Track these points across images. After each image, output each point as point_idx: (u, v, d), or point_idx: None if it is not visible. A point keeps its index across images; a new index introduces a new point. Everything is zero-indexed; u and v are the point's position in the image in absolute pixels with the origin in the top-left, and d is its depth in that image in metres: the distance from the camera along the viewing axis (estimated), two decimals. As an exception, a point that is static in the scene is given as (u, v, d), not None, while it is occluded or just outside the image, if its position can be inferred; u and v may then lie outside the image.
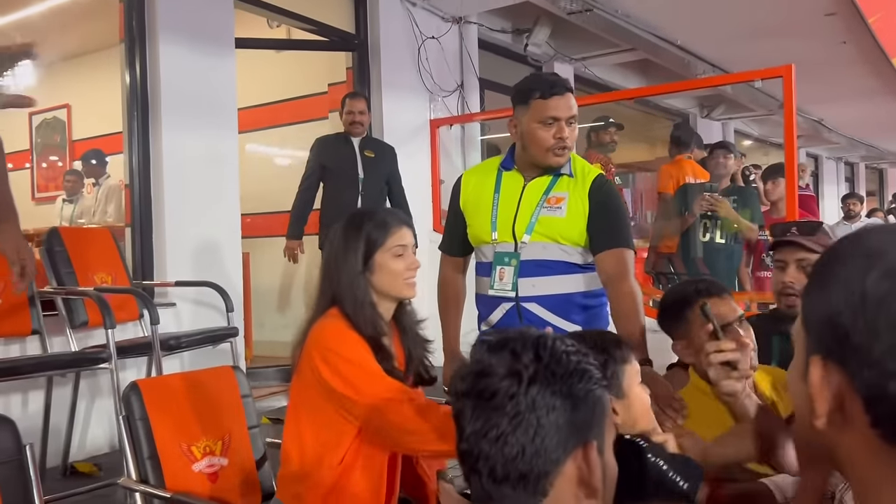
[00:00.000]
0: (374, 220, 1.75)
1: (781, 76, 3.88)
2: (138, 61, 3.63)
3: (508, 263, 2.15)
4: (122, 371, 3.26)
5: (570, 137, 2.10)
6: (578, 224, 2.13)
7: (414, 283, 1.77)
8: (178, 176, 3.68)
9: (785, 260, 2.07)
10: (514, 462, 0.87)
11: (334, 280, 1.73)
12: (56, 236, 3.14)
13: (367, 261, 1.72)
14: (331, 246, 1.77)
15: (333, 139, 4.55)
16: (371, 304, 1.71)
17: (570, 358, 0.91)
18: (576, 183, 2.16)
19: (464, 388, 0.92)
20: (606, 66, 7.08)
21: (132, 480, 1.91)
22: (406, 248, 1.75)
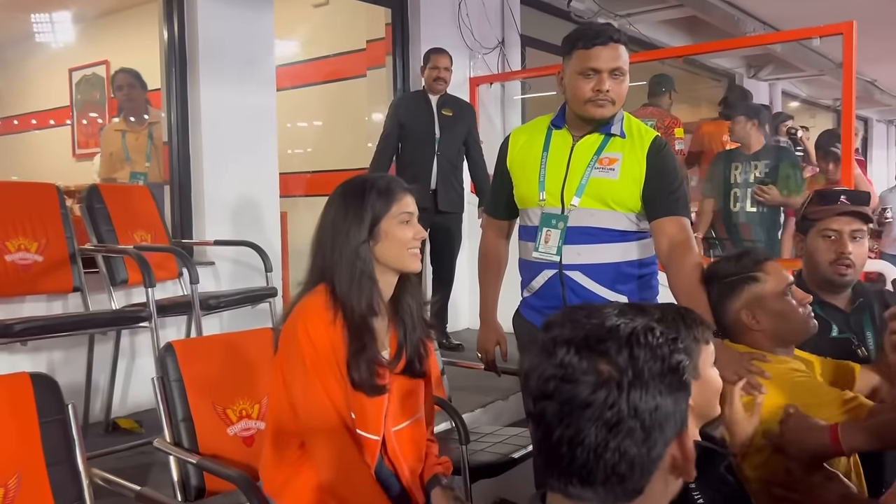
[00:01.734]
0: (377, 187, 1.63)
1: (842, 33, 3.69)
2: (176, 16, 3.59)
3: (555, 226, 2.05)
4: (161, 329, 3.30)
5: (613, 91, 1.97)
6: (632, 188, 2.02)
7: (418, 254, 1.66)
8: (216, 134, 3.65)
9: (839, 230, 2.00)
10: (615, 468, 0.82)
11: (328, 252, 1.61)
12: (96, 193, 3.14)
13: (371, 229, 1.61)
14: (327, 215, 1.64)
15: (412, 97, 4.48)
16: (371, 278, 1.60)
17: (665, 351, 0.85)
18: (632, 144, 2.04)
19: (548, 392, 0.84)
20: (652, 23, 6.85)
21: (166, 442, 1.91)
22: (412, 215, 1.65)
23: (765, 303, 1.72)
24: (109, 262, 3.04)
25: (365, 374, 1.56)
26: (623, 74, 2.00)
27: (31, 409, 1.68)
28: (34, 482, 1.65)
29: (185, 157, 3.61)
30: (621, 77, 2.00)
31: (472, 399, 3.22)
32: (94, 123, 7.48)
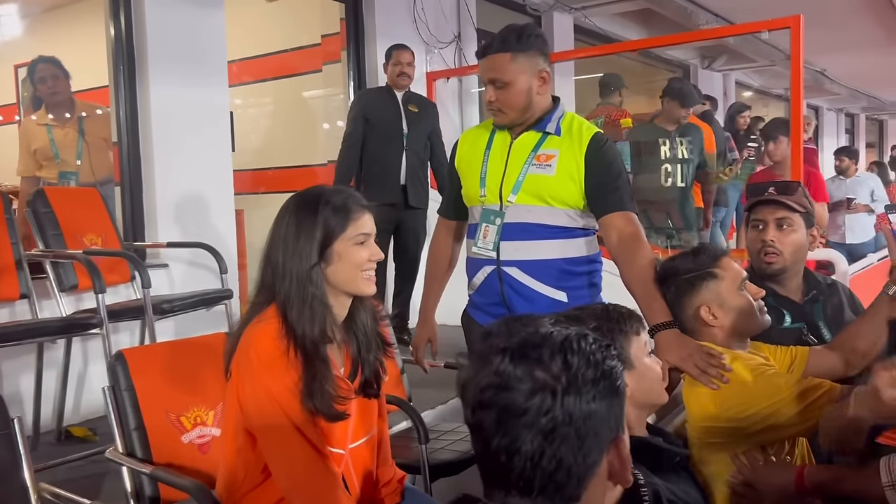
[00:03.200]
0: (332, 204, 1.51)
1: (789, 27, 3.76)
2: (122, 11, 3.50)
3: (493, 222, 2.07)
4: (114, 335, 3.22)
5: (498, 100, 2.00)
6: (569, 185, 2.02)
7: (373, 277, 1.57)
8: (167, 132, 3.57)
9: (764, 219, 2.07)
10: (552, 475, 0.82)
11: (279, 271, 1.50)
12: (42, 197, 3.05)
13: (323, 250, 1.50)
14: (278, 229, 1.53)
15: (377, 92, 4.41)
16: (323, 302, 1.50)
17: (598, 357, 0.85)
18: (570, 141, 2.04)
19: (485, 402, 0.84)
20: (607, 15, 6.90)
21: (118, 453, 1.87)
22: (368, 236, 1.55)
23: (722, 298, 1.74)
24: (57, 267, 2.96)
25: (321, 402, 1.48)
26: (504, 84, 1.99)
27: (-28, 426, 1.63)
28: (-23, 502, 1.60)
29: (135, 156, 3.53)
30: (503, 87, 2.00)
31: (431, 396, 3.22)
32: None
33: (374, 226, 1.58)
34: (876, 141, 15.62)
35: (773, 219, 2.05)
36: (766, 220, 2.06)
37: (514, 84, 1.99)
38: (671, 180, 4.61)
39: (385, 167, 4.12)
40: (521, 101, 2.01)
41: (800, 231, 2.07)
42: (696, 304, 1.76)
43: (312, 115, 6.01)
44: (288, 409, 1.47)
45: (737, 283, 1.75)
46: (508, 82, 1.99)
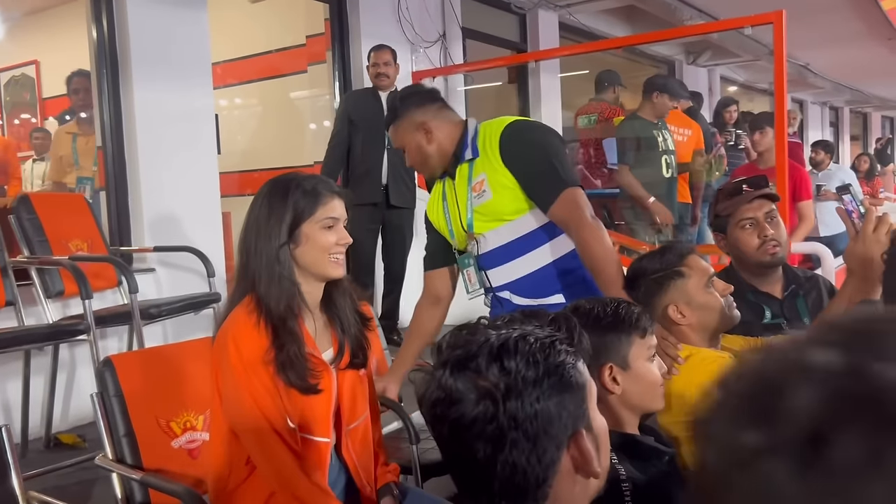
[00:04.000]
0: (302, 187, 1.57)
1: (772, 22, 3.78)
2: (105, 15, 3.47)
3: (469, 265, 2.12)
4: (102, 340, 3.21)
5: (412, 162, 2.14)
6: (508, 195, 2.01)
7: (341, 261, 1.61)
8: (151, 135, 3.55)
9: (754, 217, 2.07)
10: (510, 480, 0.82)
11: (251, 250, 1.57)
12: (26, 203, 3.02)
13: (292, 231, 1.55)
14: (251, 213, 1.60)
15: (362, 93, 4.46)
16: (290, 280, 1.55)
17: (539, 356, 0.84)
18: (486, 157, 2.04)
19: (438, 416, 0.85)
20: (592, 13, 6.91)
21: (108, 459, 1.86)
22: (337, 220, 1.59)
23: (690, 296, 1.74)
24: (43, 273, 2.94)
25: (292, 373, 1.53)
26: (403, 149, 2.12)
27: (-40, 436, 1.62)
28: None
29: (119, 160, 3.50)
30: (405, 151, 2.12)
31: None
32: (27, 125, 7.24)
33: (343, 212, 1.61)
34: (860, 133, 15.73)
35: (761, 214, 2.07)
36: (756, 218, 2.07)
37: (407, 147, 2.11)
38: (671, 171, 4.66)
39: (368, 167, 4.17)
40: (417, 158, 2.11)
41: (781, 220, 2.11)
42: (664, 303, 1.75)
43: (298, 115, 5.99)
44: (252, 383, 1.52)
45: (703, 280, 1.75)
46: (405, 145, 2.11)
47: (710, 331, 1.76)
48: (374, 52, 4.30)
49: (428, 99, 2.13)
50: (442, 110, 2.12)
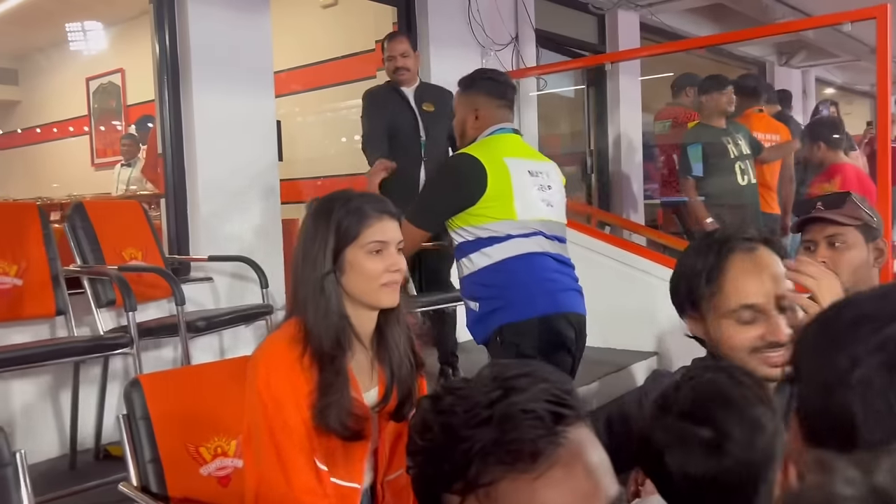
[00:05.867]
0: (346, 208, 1.41)
1: (874, 18, 3.44)
2: (167, 24, 3.44)
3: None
4: (155, 351, 3.17)
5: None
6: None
7: (394, 288, 1.44)
8: (211, 143, 3.50)
9: (814, 239, 1.86)
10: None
11: (299, 276, 1.43)
12: (80, 211, 3.00)
13: (336, 257, 1.40)
14: (298, 237, 1.48)
15: (384, 91, 3.70)
16: (339, 314, 1.40)
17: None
18: None
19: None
20: (676, 12, 6.60)
21: (132, 486, 1.76)
22: (386, 244, 1.42)
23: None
24: (95, 283, 2.90)
25: (334, 419, 1.37)
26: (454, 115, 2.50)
27: (-29, 462, 1.54)
28: (-27, 542, 1.51)
29: (179, 168, 3.47)
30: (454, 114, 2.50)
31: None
32: (112, 132, 7.46)
33: (396, 233, 1.45)
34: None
35: (822, 237, 1.84)
36: (817, 240, 1.86)
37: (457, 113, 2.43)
38: (746, 178, 4.36)
39: (402, 181, 3.43)
40: (458, 129, 2.41)
41: (857, 248, 1.83)
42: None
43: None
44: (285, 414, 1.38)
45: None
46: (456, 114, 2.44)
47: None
48: (387, 43, 3.62)
49: (497, 94, 2.38)
50: (499, 109, 2.37)
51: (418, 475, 0.73)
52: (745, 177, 4.36)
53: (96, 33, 6.91)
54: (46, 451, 2.89)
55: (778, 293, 1.26)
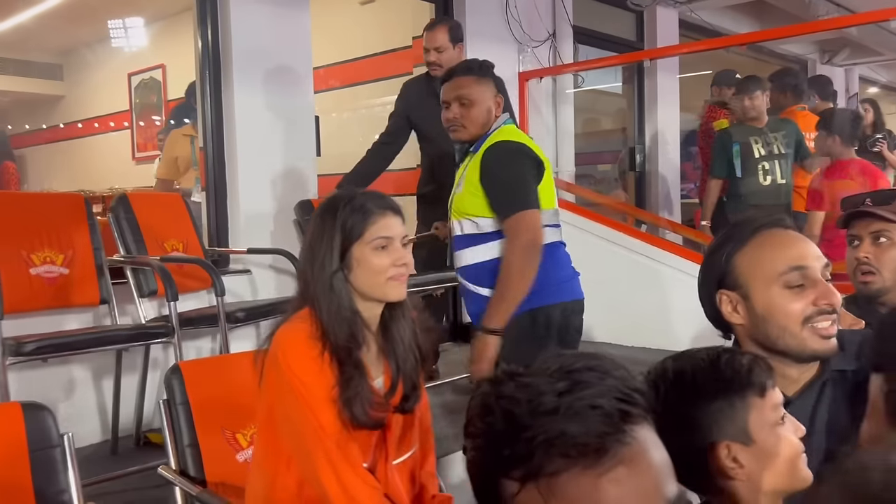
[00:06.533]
0: (351, 206, 1.45)
1: (921, 14, 3.36)
2: (209, 21, 3.50)
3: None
4: (196, 341, 3.24)
5: (462, 116, 2.23)
6: (470, 199, 2.21)
7: (401, 282, 1.48)
8: (250, 139, 3.56)
9: (859, 234, 1.83)
10: None
11: (307, 276, 1.47)
12: (124, 203, 3.07)
13: (343, 255, 1.44)
14: (307, 235, 1.52)
15: (412, 83, 3.66)
16: (350, 309, 1.44)
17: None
18: (476, 156, 2.22)
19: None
20: (715, 9, 6.52)
21: (171, 469, 1.81)
22: (391, 239, 1.46)
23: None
24: (138, 273, 2.98)
25: (359, 410, 1.42)
26: (469, 101, 2.23)
27: (22, 442, 1.60)
28: (22, 517, 1.56)
29: (220, 163, 3.53)
30: (468, 104, 2.23)
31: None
32: (153, 126, 7.60)
33: (400, 229, 1.49)
34: None
35: (868, 233, 1.80)
36: (862, 236, 1.82)
37: (476, 103, 2.24)
38: (770, 179, 4.35)
39: (436, 182, 3.40)
40: (479, 118, 2.24)
41: None
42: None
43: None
44: (320, 415, 1.41)
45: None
46: (473, 100, 2.23)
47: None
48: (426, 33, 3.47)
49: (503, 87, 2.39)
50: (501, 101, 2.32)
51: (476, 458, 0.74)
52: (767, 177, 4.33)
53: (138, 29, 7.03)
54: (89, 436, 2.97)
55: (822, 261, 1.23)
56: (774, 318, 1.22)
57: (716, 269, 1.29)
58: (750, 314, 1.26)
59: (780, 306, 1.22)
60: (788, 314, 1.22)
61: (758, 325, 1.25)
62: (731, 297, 1.28)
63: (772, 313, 1.23)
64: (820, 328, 1.21)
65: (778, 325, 1.22)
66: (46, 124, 8.67)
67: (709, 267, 1.32)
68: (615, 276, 4.05)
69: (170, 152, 4.66)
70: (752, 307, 1.25)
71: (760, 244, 1.25)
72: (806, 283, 1.22)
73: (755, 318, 1.25)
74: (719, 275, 1.29)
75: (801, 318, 1.21)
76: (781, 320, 1.22)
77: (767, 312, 1.23)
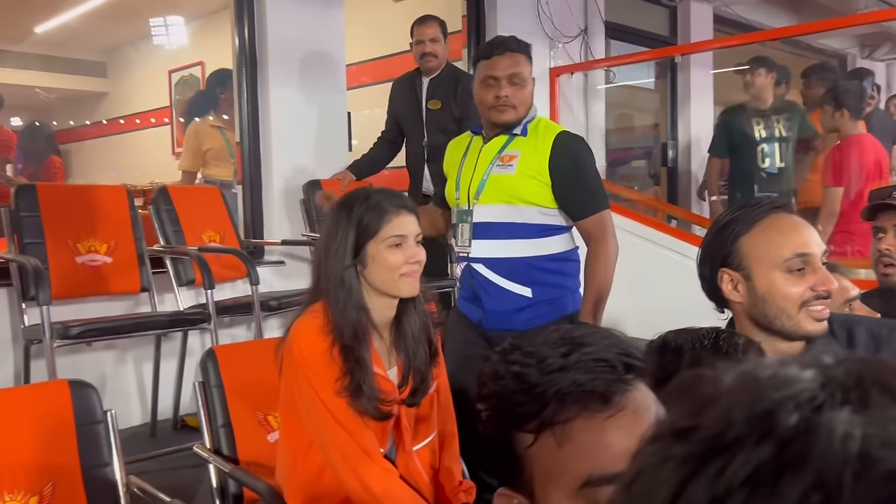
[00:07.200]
0: (367, 204, 1.50)
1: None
2: (247, 18, 3.61)
3: (466, 221, 2.17)
4: (231, 328, 3.35)
5: (512, 96, 2.08)
6: (530, 183, 2.08)
7: (413, 279, 1.53)
8: (285, 133, 3.66)
9: (883, 226, 1.86)
10: None
11: (321, 270, 1.53)
12: (164, 195, 3.20)
13: (357, 252, 1.49)
14: (322, 230, 1.57)
15: (401, 81, 3.61)
16: (359, 306, 1.49)
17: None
18: (534, 142, 2.11)
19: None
20: (751, 3, 6.46)
21: (206, 448, 1.90)
22: (405, 238, 1.51)
23: None
24: (176, 262, 3.09)
25: (366, 402, 1.48)
26: (523, 81, 2.10)
27: (69, 417, 1.70)
28: (69, 490, 1.66)
29: (255, 156, 3.64)
30: (520, 83, 2.09)
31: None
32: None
33: (414, 227, 1.54)
34: None
35: (892, 225, 1.84)
36: (886, 228, 1.85)
37: (529, 83, 2.12)
38: (768, 161, 4.40)
39: (415, 182, 3.48)
40: (524, 99, 2.11)
41: None
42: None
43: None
44: (329, 404, 1.48)
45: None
46: (526, 79, 2.10)
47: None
48: (417, 27, 3.48)
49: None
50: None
51: (492, 416, 0.81)
52: (766, 160, 4.36)
53: (178, 27, 7.19)
54: (130, 418, 3.09)
55: (822, 248, 1.29)
56: (774, 299, 1.28)
57: (720, 249, 1.34)
58: (750, 294, 1.31)
59: (780, 289, 1.27)
60: (787, 297, 1.27)
61: (757, 304, 1.30)
62: (732, 277, 1.33)
63: (772, 295, 1.28)
64: (814, 311, 1.27)
65: (776, 307, 1.28)
66: (90, 120, 8.89)
67: (712, 246, 1.37)
68: (645, 272, 4.07)
69: (196, 143, 4.59)
70: (753, 288, 1.30)
71: (766, 228, 1.30)
72: (806, 269, 1.27)
73: (755, 297, 1.30)
74: (723, 254, 1.34)
75: (800, 301, 1.27)
76: (780, 302, 1.27)
77: (768, 294, 1.29)
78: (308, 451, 1.56)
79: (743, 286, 1.32)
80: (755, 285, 1.30)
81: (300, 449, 1.57)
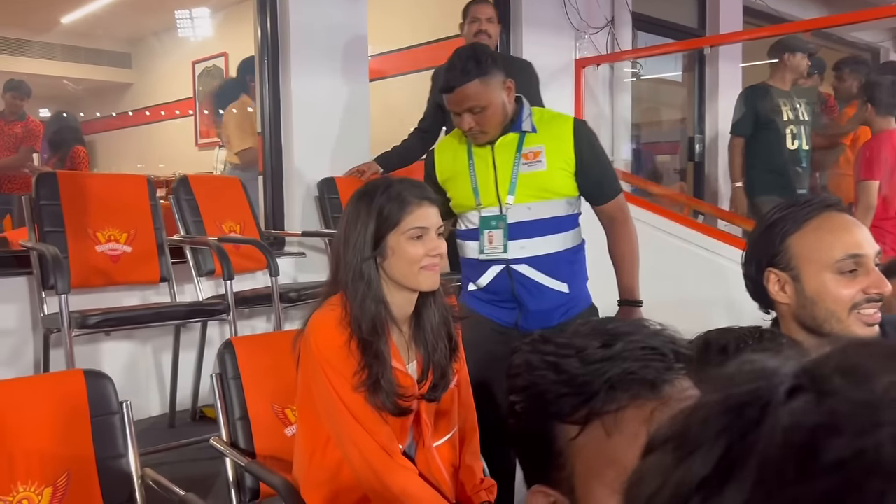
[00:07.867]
0: (387, 194, 1.46)
1: None
2: (269, 8, 3.58)
3: (496, 227, 2.09)
4: (251, 320, 3.33)
5: (478, 123, 2.02)
6: (561, 175, 2.07)
7: (434, 272, 1.48)
8: (307, 124, 3.63)
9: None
10: None
11: (340, 261, 1.49)
12: (185, 185, 3.18)
13: (377, 244, 1.45)
14: (341, 222, 1.53)
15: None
16: (378, 299, 1.45)
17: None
18: (550, 134, 2.08)
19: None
20: (782, -6, 6.34)
21: (222, 441, 1.87)
22: (427, 230, 1.47)
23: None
24: (196, 252, 3.07)
25: (384, 397, 1.45)
26: (481, 107, 2.01)
27: (84, 407, 1.68)
28: (83, 481, 1.64)
29: (276, 147, 3.61)
30: (480, 110, 2.01)
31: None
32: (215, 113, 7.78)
33: (436, 219, 1.50)
34: None
35: None
36: None
37: (490, 106, 2.01)
38: (797, 142, 4.37)
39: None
40: (495, 119, 2.04)
41: None
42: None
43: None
44: (346, 399, 1.45)
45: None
46: (485, 105, 2.00)
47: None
48: (473, 6, 3.46)
49: (502, 63, 2.10)
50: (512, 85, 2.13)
51: (528, 408, 0.77)
52: (795, 141, 4.33)
53: (203, 19, 7.20)
54: (149, 408, 3.08)
55: (876, 249, 1.23)
56: (824, 301, 1.22)
57: (767, 248, 1.29)
58: (798, 295, 1.26)
59: (830, 291, 1.22)
60: (838, 299, 1.22)
61: (805, 306, 1.25)
62: (780, 277, 1.27)
63: (822, 297, 1.23)
64: (865, 315, 1.21)
65: (826, 309, 1.22)
66: (115, 111, 8.95)
67: (759, 245, 1.31)
68: (670, 266, 4.00)
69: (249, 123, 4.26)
70: (802, 289, 1.25)
71: (817, 227, 1.24)
72: (859, 271, 1.22)
73: (803, 299, 1.25)
74: (770, 254, 1.28)
75: (850, 304, 1.21)
76: (830, 305, 1.22)
77: (817, 296, 1.23)
78: (326, 447, 1.53)
79: (791, 287, 1.26)
80: (804, 286, 1.24)
81: (318, 444, 1.54)
